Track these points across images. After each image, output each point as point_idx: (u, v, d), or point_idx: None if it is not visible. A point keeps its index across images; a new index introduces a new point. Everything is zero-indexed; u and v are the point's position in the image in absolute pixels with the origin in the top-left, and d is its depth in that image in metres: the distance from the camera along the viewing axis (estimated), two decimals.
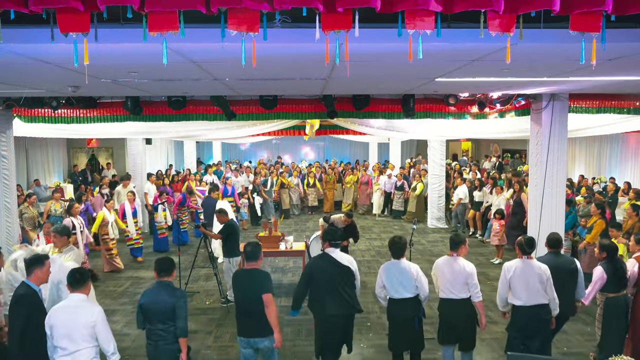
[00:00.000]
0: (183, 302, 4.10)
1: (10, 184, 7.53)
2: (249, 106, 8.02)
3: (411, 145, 23.32)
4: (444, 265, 4.97)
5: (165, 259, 4.30)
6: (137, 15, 2.63)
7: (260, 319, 4.40)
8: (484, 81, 5.58)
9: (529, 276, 4.71)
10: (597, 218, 7.95)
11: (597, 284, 5.05)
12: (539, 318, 4.73)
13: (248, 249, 4.53)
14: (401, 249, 4.90)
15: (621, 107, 7.50)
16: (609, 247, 5.15)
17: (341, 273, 4.83)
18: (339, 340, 4.95)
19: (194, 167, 18.11)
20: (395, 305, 4.87)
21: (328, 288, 4.79)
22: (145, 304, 4.13)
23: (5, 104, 7.24)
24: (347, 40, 2.71)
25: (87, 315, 3.71)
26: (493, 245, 10.08)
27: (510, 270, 4.80)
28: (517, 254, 4.96)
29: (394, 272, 4.85)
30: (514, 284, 4.77)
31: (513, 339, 4.86)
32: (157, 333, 4.10)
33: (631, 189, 10.11)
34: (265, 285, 4.41)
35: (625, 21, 3.15)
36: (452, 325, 4.91)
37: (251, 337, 4.44)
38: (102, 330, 3.75)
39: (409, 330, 4.86)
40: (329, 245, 4.96)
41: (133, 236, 10.04)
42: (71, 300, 3.81)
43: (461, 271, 4.84)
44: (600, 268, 5.07)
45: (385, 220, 14.70)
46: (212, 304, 7.70)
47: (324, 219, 8.31)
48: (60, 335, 3.67)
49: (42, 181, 14.99)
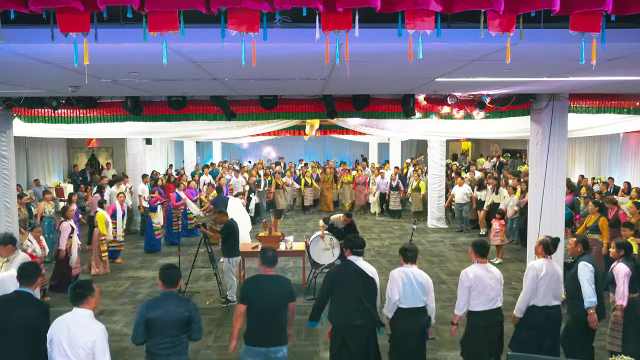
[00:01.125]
0: (196, 314, 3.93)
1: (10, 184, 7.52)
2: (249, 106, 8.01)
3: (411, 145, 23.33)
4: (482, 275, 4.61)
5: (172, 269, 4.08)
6: (137, 15, 2.63)
7: (282, 327, 4.29)
8: (484, 81, 5.57)
9: (553, 277, 4.68)
10: (598, 216, 7.96)
11: (625, 281, 4.92)
12: (554, 319, 4.71)
13: (269, 254, 4.37)
14: (416, 256, 4.69)
15: (621, 107, 7.50)
16: (625, 245, 5.14)
17: (365, 283, 4.62)
18: (362, 353, 4.63)
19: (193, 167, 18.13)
20: (407, 315, 4.60)
21: (352, 298, 4.54)
22: (153, 317, 3.83)
23: (5, 104, 7.24)
24: (347, 40, 2.71)
25: (87, 335, 3.51)
26: (493, 245, 10.09)
27: (540, 271, 4.69)
28: (539, 254, 4.86)
29: (411, 279, 4.58)
30: (542, 285, 4.67)
31: (527, 339, 4.77)
32: (165, 346, 3.85)
33: (633, 189, 10.11)
34: (293, 293, 4.35)
35: (625, 21, 3.14)
36: (491, 338, 4.68)
37: (271, 345, 4.23)
38: (100, 350, 3.52)
39: (417, 341, 4.66)
40: (350, 254, 4.73)
41: (118, 238, 10.02)
42: (74, 316, 3.61)
43: (499, 278, 4.66)
44: (623, 265, 5.00)
45: (385, 220, 14.71)
46: (212, 304, 7.70)
47: (323, 220, 8.32)
48: (58, 350, 3.52)
49: (42, 181, 15.00)
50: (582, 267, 4.82)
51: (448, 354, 5.96)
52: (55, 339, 3.54)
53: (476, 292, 4.60)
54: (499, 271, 4.76)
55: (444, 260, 10.15)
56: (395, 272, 4.66)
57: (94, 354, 3.49)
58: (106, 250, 9.39)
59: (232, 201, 10.25)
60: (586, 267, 4.80)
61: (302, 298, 7.71)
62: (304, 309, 6.67)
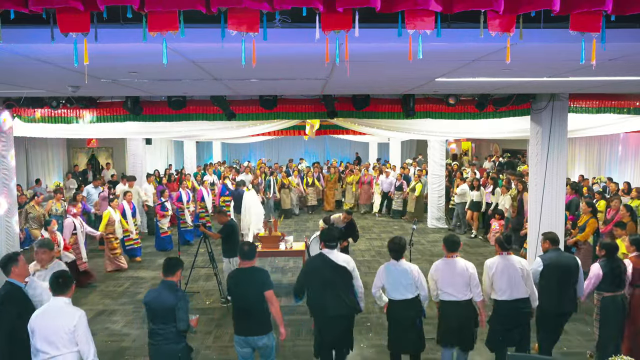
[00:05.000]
0: (182, 304, 4.08)
1: (10, 184, 7.52)
2: (248, 106, 8.02)
3: (411, 145, 23.33)
4: (444, 267, 4.95)
5: (171, 259, 4.32)
6: (137, 15, 2.63)
7: (260, 317, 4.43)
8: (484, 81, 5.57)
9: (510, 271, 4.87)
10: (589, 217, 7.98)
11: (592, 280, 5.13)
12: (519, 311, 4.90)
13: (245, 248, 4.56)
14: (401, 250, 4.92)
15: (621, 107, 7.50)
16: (609, 246, 5.25)
17: (337, 273, 4.80)
18: (337, 340, 4.92)
19: (193, 167, 18.11)
20: (396, 306, 4.88)
21: (325, 289, 4.77)
22: (148, 302, 4.15)
23: (5, 104, 7.24)
24: (347, 40, 2.71)
25: (68, 320, 3.58)
26: (493, 245, 10.08)
27: (492, 267, 4.96)
28: (496, 251, 5.12)
29: (395, 273, 4.86)
30: (496, 280, 4.92)
31: (494, 331, 5.04)
32: (159, 333, 4.10)
33: (634, 188, 10.11)
34: (267, 282, 4.46)
35: (625, 21, 3.14)
36: (453, 327, 4.91)
37: (250, 335, 4.44)
38: (82, 334, 3.59)
39: (410, 331, 4.86)
40: (324, 246, 4.96)
41: (133, 236, 10.06)
42: (52, 304, 3.69)
43: (463, 272, 4.86)
44: (597, 265, 5.15)
45: (385, 220, 14.70)
46: (212, 304, 7.71)
47: (323, 220, 8.31)
48: (41, 340, 3.56)
49: (42, 181, 15.01)
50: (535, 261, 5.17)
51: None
52: (37, 329, 3.58)
53: (440, 284, 4.91)
54: (472, 266, 4.94)
55: None
56: (381, 267, 5.03)
57: (77, 340, 3.56)
58: (116, 248, 9.41)
59: (247, 194, 10.54)
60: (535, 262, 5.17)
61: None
62: (302, 309, 6.67)
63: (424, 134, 11.81)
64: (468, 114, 7.96)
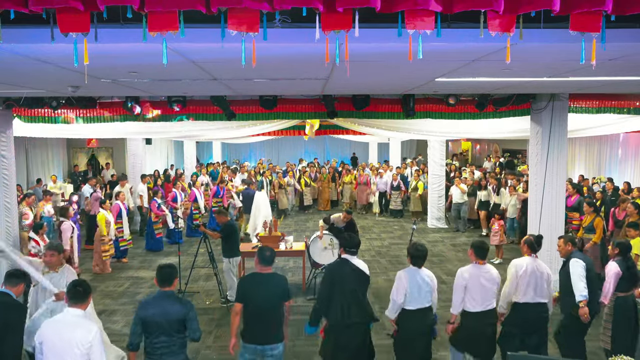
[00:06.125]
0: (193, 314, 3.86)
1: (10, 184, 7.52)
2: (248, 106, 8.02)
3: (411, 145, 23.34)
4: (478, 276, 4.65)
5: (167, 267, 3.97)
6: (137, 15, 2.63)
7: (278, 325, 4.29)
8: (484, 81, 5.57)
9: (537, 274, 4.75)
10: (593, 216, 7.97)
11: (612, 279, 4.99)
12: (539, 316, 4.78)
13: (267, 253, 4.34)
14: (424, 257, 4.67)
15: (621, 107, 7.50)
16: (622, 245, 5.16)
17: (359, 279, 4.68)
18: (358, 349, 4.67)
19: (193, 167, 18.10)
20: (413, 316, 4.60)
21: (349, 295, 4.58)
22: (148, 316, 3.76)
23: (5, 104, 7.24)
24: (347, 40, 2.71)
25: (84, 335, 3.35)
26: (493, 245, 10.09)
27: (522, 266, 4.78)
28: (524, 253, 4.92)
29: (418, 281, 4.58)
30: (522, 281, 4.75)
31: (510, 334, 4.88)
32: (160, 346, 3.79)
33: (634, 188, 10.11)
34: (288, 292, 4.33)
35: (625, 21, 3.14)
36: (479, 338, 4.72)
37: (267, 343, 4.24)
38: (97, 352, 3.37)
39: (425, 340, 4.69)
40: (344, 252, 4.76)
41: (126, 237, 10.03)
42: (67, 316, 3.48)
43: (496, 279, 4.70)
44: (614, 263, 5.05)
45: (385, 220, 14.71)
46: (212, 304, 7.70)
47: (324, 220, 8.32)
48: (51, 353, 3.35)
49: (42, 181, 14.99)
50: (574, 263, 4.88)
51: (448, 354, 5.95)
52: (47, 341, 3.37)
53: (471, 293, 4.64)
54: (497, 272, 4.78)
55: (444, 260, 10.15)
56: (401, 273, 4.66)
57: (90, 354, 3.36)
58: (107, 250, 9.39)
59: (258, 195, 10.87)
60: (577, 263, 4.86)
61: (302, 298, 7.71)
62: (304, 309, 6.67)
63: (424, 134, 11.82)
64: (468, 114, 7.97)
